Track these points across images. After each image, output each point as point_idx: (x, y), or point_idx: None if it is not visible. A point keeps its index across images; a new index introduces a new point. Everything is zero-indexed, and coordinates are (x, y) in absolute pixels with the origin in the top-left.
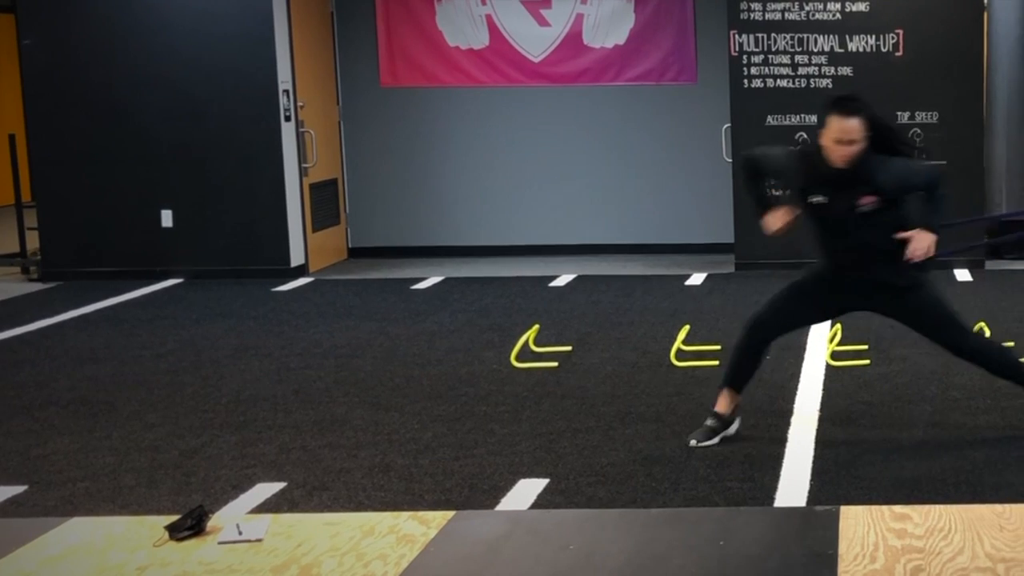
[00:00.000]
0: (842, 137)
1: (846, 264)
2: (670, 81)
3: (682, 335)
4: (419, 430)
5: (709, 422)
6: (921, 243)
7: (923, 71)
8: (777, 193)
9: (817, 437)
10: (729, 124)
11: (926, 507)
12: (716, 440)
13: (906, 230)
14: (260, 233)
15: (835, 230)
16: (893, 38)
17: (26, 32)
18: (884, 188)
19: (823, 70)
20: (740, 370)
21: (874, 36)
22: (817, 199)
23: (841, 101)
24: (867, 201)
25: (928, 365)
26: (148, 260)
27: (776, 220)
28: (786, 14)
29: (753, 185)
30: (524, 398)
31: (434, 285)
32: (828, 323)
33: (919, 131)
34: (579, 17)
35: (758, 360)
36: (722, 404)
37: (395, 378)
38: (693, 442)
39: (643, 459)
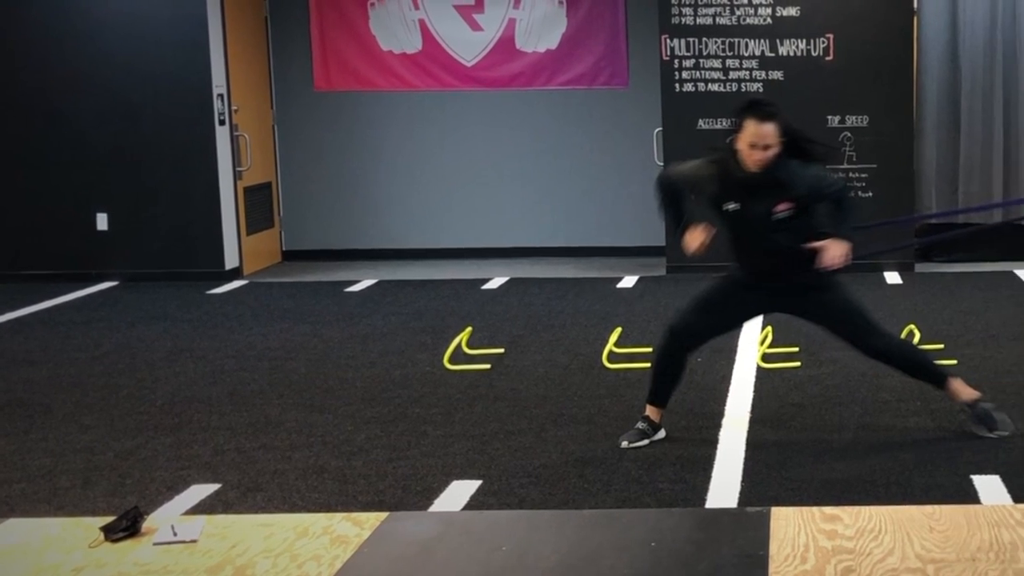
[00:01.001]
0: (757, 142)
1: (761, 268)
2: (602, 85)
3: (614, 337)
4: (353, 432)
5: (640, 424)
6: (835, 252)
7: (853, 75)
8: (695, 206)
9: (748, 439)
10: (661, 128)
11: (856, 508)
12: (646, 442)
13: (816, 236)
14: (195, 236)
15: (749, 236)
16: (824, 42)
17: None
18: (799, 195)
19: (754, 74)
20: (663, 379)
21: (805, 40)
22: (732, 206)
23: (756, 105)
24: (782, 208)
25: (858, 367)
26: (83, 263)
27: (694, 240)
28: (717, 18)
29: (669, 205)
30: (457, 400)
31: (367, 288)
32: (759, 326)
33: (849, 135)
34: (511, 22)
35: (681, 367)
36: (650, 412)
37: (329, 380)
38: (624, 444)
39: (575, 460)
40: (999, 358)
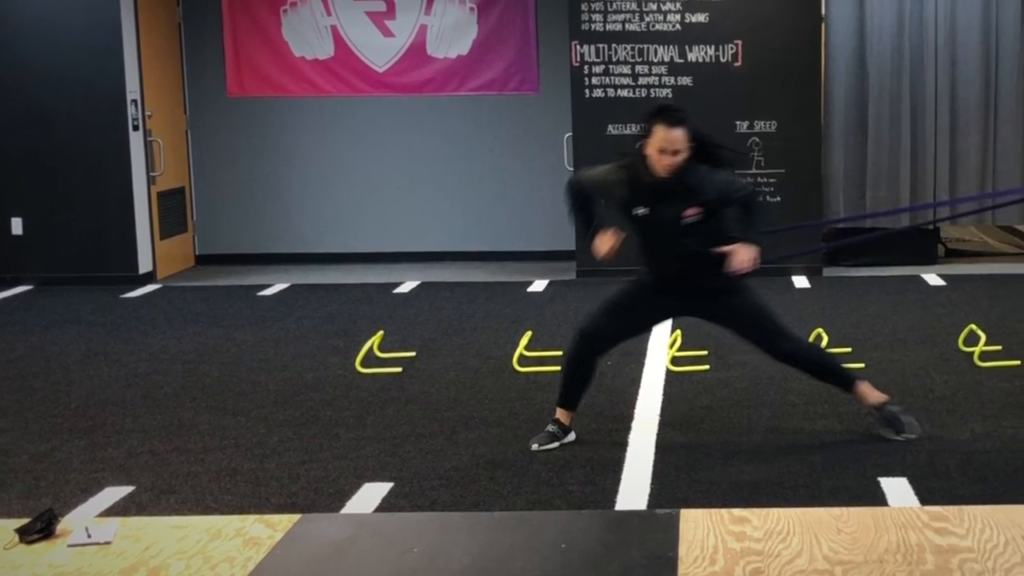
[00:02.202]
0: (667, 147)
1: (670, 273)
2: (512, 91)
3: (524, 341)
4: (265, 435)
5: (550, 427)
6: (743, 256)
7: (762, 81)
8: (605, 210)
9: (657, 441)
10: (571, 133)
11: (765, 510)
12: (556, 445)
13: (725, 240)
14: (108, 240)
15: (659, 240)
16: (732, 48)
17: None
18: (707, 200)
19: (663, 80)
20: (573, 383)
21: (713, 47)
22: (641, 211)
23: (666, 111)
24: (691, 212)
25: (767, 370)
26: None
27: (603, 244)
28: (627, 25)
29: (579, 210)
30: (369, 403)
31: (280, 292)
32: (668, 329)
33: (758, 140)
34: (423, 28)
35: (591, 370)
36: (560, 415)
37: (241, 383)
38: (535, 446)
39: (486, 463)
40: (906, 361)
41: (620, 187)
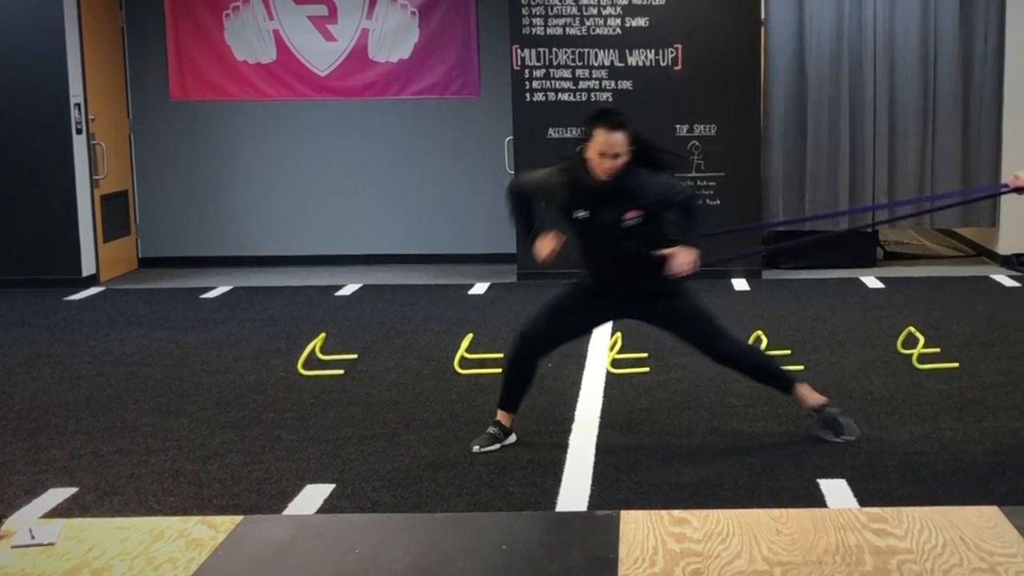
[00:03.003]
0: (607, 150)
1: (610, 275)
2: (454, 95)
3: (465, 343)
4: (208, 436)
5: (491, 429)
6: (683, 259)
7: (702, 85)
8: (546, 213)
9: (598, 443)
10: (512, 137)
11: (705, 511)
12: (498, 447)
13: (665, 243)
14: (52, 243)
15: (599, 243)
16: (672, 52)
17: None
18: (648, 203)
19: (604, 84)
20: (514, 385)
21: (653, 51)
22: (581, 214)
23: (606, 114)
24: (631, 215)
25: (706, 373)
26: None
27: (544, 247)
28: (567, 29)
29: (520, 213)
30: (311, 405)
31: (223, 294)
32: (609, 332)
33: (697, 143)
34: (365, 32)
35: (532, 372)
36: (501, 416)
37: (184, 385)
38: (476, 448)
39: (427, 465)
40: (845, 363)
41: (561, 190)
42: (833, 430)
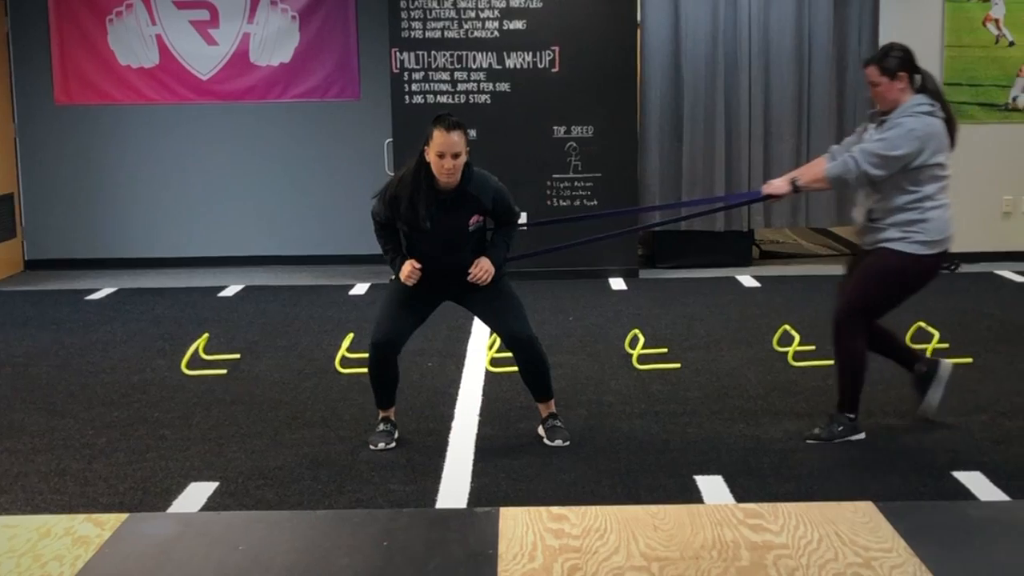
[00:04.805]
0: (445, 150)
1: (442, 270)
2: (334, 97)
3: (346, 343)
4: (93, 436)
5: (382, 426)
6: (487, 269)
7: (579, 86)
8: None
9: (477, 441)
10: (391, 139)
11: (583, 508)
12: (394, 442)
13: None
14: None
15: (443, 246)
16: (549, 55)
17: None
18: (488, 209)
19: (482, 86)
20: (384, 388)
21: (531, 53)
22: (427, 224)
23: (443, 116)
24: (475, 221)
25: (584, 370)
26: None
27: (407, 270)
28: (446, 32)
29: (384, 241)
30: (194, 404)
31: (108, 296)
32: (487, 331)
33: (575, 144)
34: (246, 36)
35: (396, 371)
36: (384, 413)
37: (70, 385)
38: (381, 446)
39: (310, 462)
40: (721, 361)
41: (406, 205)
42: (549, 436)
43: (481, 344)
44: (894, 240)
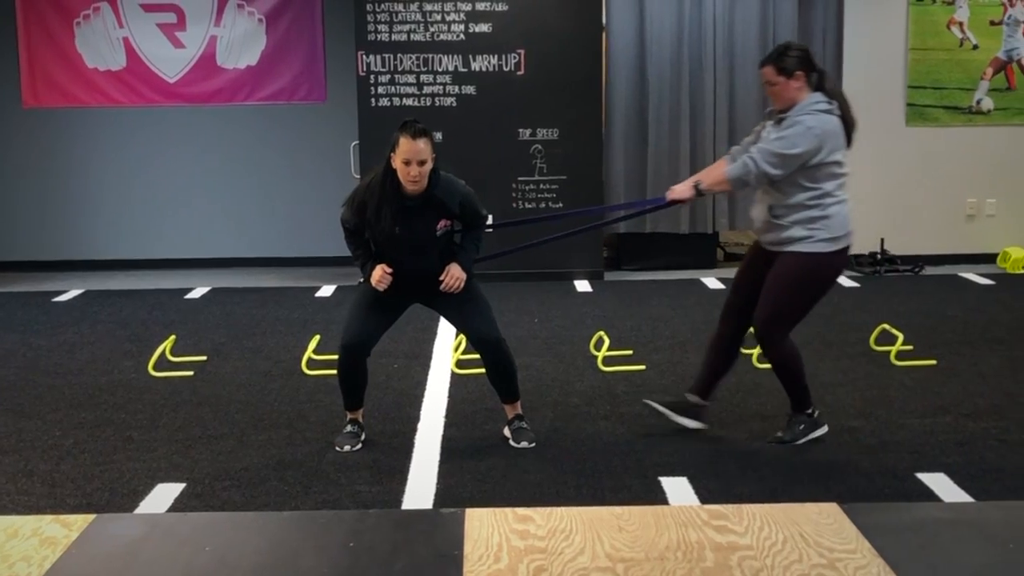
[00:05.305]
0: (411, 157)
1: (411, 274)
2: (301, 100)
3: (313, 344)
4: (61, 437)
5: (349, 428)
6: (458, 276)
7: (544, 89)
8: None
9: (443, 443)
10: (357, 141)
11: (548, 509)
12: (360, 444)
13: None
14: None
15: (412, 251)
16: (515, 58)
17: None
18: (456, 213)
19: (448, 89)
20: (353, 390)
21: (496, 56)
22: (397, 230)
23: (408, 123)
24: (443, 225)
25: (550, 372)
26: None
27: (378, 275)
28: (412, 35)
29: (354, 248)
30: (161, 406)
31: (75, 298)
32: (453, 333)
33: (540, 147)
34: (213, 39)
35: (365, 373)
36: (352, 415)
37: (37, 387)
38: (347, 448)
39: (276, 464)
40: (686, 363)
41: (374, 211)
42: (515, 438)
43: (447, 346)
44: (798, 240)
